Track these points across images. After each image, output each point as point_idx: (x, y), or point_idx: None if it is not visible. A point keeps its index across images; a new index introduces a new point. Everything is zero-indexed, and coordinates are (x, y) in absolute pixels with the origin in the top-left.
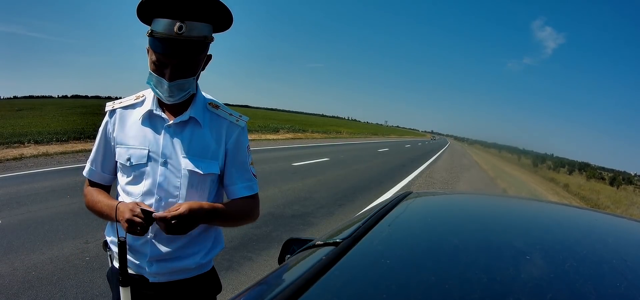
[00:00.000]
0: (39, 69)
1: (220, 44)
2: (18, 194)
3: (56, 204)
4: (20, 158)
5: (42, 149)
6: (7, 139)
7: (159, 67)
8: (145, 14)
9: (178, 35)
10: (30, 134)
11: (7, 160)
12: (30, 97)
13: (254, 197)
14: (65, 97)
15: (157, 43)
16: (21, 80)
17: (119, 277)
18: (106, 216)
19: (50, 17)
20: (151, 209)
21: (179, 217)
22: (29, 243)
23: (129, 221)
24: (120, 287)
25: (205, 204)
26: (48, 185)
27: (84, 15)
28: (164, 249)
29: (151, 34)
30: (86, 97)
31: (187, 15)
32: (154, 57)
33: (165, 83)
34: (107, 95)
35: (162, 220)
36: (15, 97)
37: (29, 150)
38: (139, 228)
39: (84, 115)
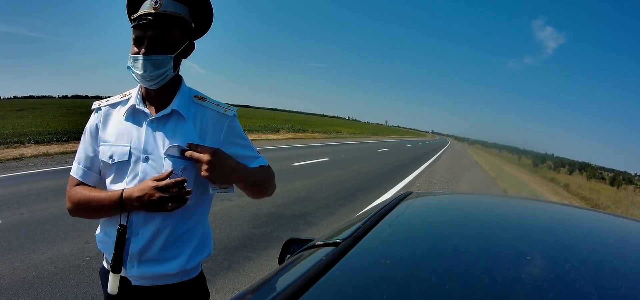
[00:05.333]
0: (39, 69)
1: (220, 44)
2: (18, 194)
3: (56, 204)
4: (21, 158)
5: (43, 148)
6: (7, 139)
7: (137, 45)
8: (133, 12)
9: (155, 9)
10: (30, 134)
11: (8, 160)
12: (31, 97)
13: (268, 168)
14: (65, 97)
15: (136, 21)
16: (21, 80)
17: (111, 262)
18: (107, 209)
19: (50, 17)
20: (166, 175)
21: (209, 162)
22: (29, 243)
23: (153, 193)
24: (110, 273)
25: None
26: (48, 185)
27: (84, 14)
28: (144, 250)
29: (132, 16)
30: (87, 97)
31: None
32: (133, 37)
33: (140, 58)
34: (107, 95)
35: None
36: (15, 97)
37: (30, 150)
38: (171, 194)
39: (84, 115)
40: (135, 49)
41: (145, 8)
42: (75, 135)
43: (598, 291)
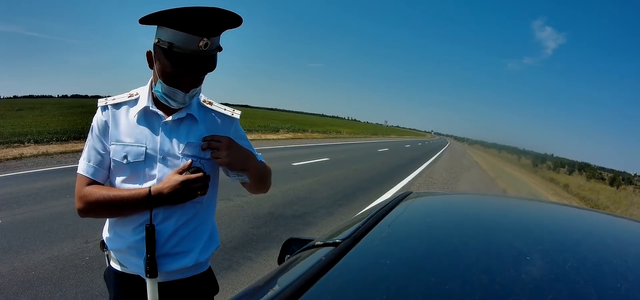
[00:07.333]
0: (38, 69)
1: (221, 44)
2: (18, 193)
3: (56, 203)
4: (20, 158)
5: (42, 148)
6: (7, 138)
7: (173, 79)
8: (159, 21)
9: (202, 51)
10: (30, 134)
11: (7, 159)
12: (30, 96)
13: (264, 162)
14: (65, 96)
15: (179, 57)
16: (21, 80)
17: (146, 267)
18: (131, 207)
19: (50, 17)
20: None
21: (228, 147)
22: (28, 243)
23: (183, 186)
24: (147, 279)
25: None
26: (48, 185)
27: (84, 14)
28: (161, 246)
29: (170, 47)
30: (86, 96)
31: (212, 31)
32: (169, 69)
33: (181, 94)
34: (107, 95)
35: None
36: (15, 97)
37: (29, 149)
38: (199, 185)
39: (83, 115)
40: (170, 79)
41: (191, 46)
42: (75, 135)
43: (598, 291)
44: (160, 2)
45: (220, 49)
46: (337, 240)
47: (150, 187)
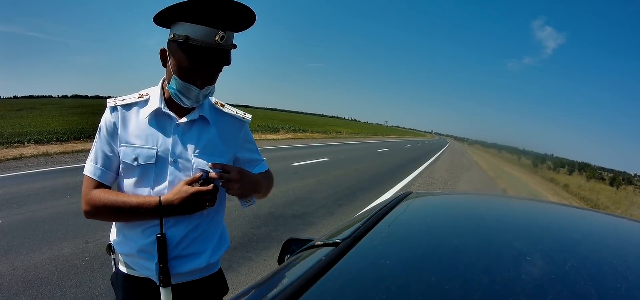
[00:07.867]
0: (38, 69)
1: None
2: (18, 193)
3: (56, 203)
4: (20, 158)
5: (42, 148)
6: (7, 138)
7: (189, 74)
8: (174, 17)
9: (218, 44)
10: (30, 134)
11: (7, 160)
12: (30, 97)
13: (269, 171)
14: (65, 96)
15: (195, 51)
16: (21, 80)
17: (159, 276)
18: (140, 215)
19: (50, 17)
20: (199, 174)
21: (238, 181)
22: (28, 243)
23: (193, 198)
24: (161, 288)
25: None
26: (48, 185)
27: (84, 14)
28: (173, 249)
29: (186, 40)
30: (86, 96)
31: (227, 25)
32: (185, 64)
33: (196, 90)
34: (107, 95)
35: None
36: (15, 97)
37: (29, 150)
38: (209, 198)
39: (84, 115)
40: (185, 74)
41: (208, 38)
42: (75, 135)
43: (598, 291)
44: (160, 3)
45: (234, 46)
46: (337, 240)
47: (160, 197)
